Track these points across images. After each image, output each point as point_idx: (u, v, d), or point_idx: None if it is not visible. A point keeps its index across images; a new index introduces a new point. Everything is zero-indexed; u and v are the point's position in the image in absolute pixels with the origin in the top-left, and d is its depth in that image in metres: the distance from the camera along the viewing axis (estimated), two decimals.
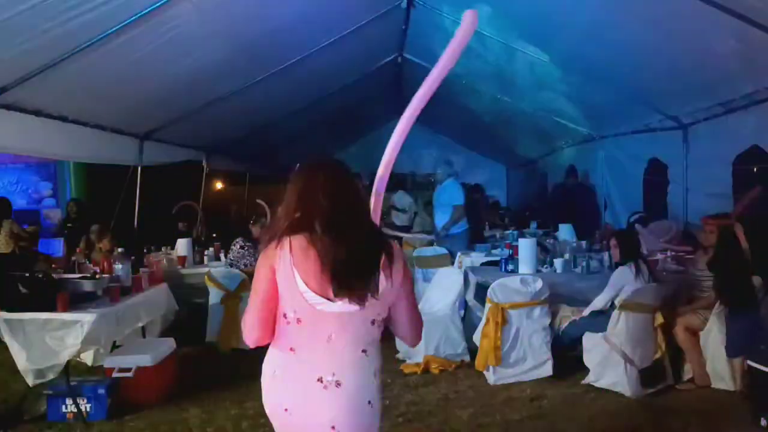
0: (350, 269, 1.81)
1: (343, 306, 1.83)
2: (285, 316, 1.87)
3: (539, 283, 4.81)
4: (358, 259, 1.84)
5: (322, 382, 1.85)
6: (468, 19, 2.17)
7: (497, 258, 6.04)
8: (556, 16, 5.26)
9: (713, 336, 4.48)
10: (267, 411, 1.97)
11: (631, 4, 4.48)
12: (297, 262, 1.82)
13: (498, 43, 6.12)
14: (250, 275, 6.07)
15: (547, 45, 5.94)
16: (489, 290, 4.78)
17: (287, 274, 1.82)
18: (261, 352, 1.97)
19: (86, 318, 4.19)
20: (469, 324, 5.42)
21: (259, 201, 8.17)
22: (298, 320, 1.85)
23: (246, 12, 4.90)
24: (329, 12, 5.68)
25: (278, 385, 1.92)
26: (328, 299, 1.82)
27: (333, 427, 1.86)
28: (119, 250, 5.96)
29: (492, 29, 5.88)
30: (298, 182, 1.94)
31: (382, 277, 1.86)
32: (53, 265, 5.39)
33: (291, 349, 1.88)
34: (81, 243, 6.48)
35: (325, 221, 1.83)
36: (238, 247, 6.42)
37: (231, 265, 6.33)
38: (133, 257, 5.92)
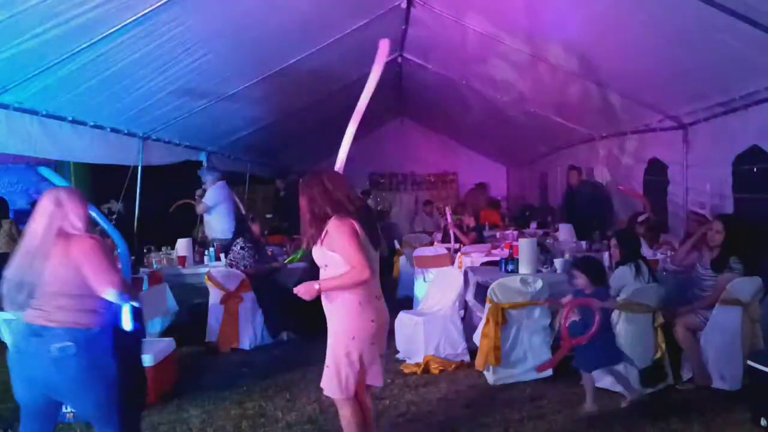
0: (374, 232, 3.13)
1: (376, 254, 3.12)
2: None
3: (539, 283, 4.81)
4: (374, 225, 3.20)
5: (378, 298, 3.13)
6: (382, 46, 3.19)
7: (497, 258, 6.04)
8: (557, 17, 5.26)
9: (713, 336, 4.48)
10: (355, 332, 3.00)
11: (632, 5, 4.48)
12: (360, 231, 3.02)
13: (498, 42, 6.12)
14: (250, 276, 6.12)
15: (548, 45, 5.95)
16: (489, 290, 4.77)
17: (363, 236, 3.01)
18: (260, 352, 2.00)
19: None
20: (469, 324, 5.42)
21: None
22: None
23: (246, 12, 4.90)
24: (329, 12, 5.68)
25: (366, 308, 3.03)
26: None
27: (386, 323, 3.18)
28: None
29: (492, 29, 5.89)
30: (313, 188, 3.07)
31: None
32: None
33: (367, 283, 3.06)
34: None
35: (347, 206, 3.03)
36: (239, 247, 6.41)
37: (231, 266, 6.32)
38: (133, 257, 5.90)
